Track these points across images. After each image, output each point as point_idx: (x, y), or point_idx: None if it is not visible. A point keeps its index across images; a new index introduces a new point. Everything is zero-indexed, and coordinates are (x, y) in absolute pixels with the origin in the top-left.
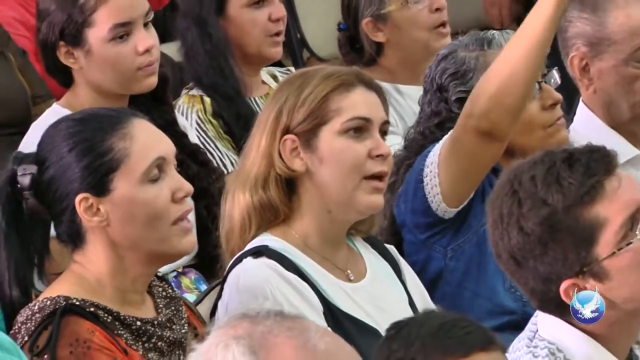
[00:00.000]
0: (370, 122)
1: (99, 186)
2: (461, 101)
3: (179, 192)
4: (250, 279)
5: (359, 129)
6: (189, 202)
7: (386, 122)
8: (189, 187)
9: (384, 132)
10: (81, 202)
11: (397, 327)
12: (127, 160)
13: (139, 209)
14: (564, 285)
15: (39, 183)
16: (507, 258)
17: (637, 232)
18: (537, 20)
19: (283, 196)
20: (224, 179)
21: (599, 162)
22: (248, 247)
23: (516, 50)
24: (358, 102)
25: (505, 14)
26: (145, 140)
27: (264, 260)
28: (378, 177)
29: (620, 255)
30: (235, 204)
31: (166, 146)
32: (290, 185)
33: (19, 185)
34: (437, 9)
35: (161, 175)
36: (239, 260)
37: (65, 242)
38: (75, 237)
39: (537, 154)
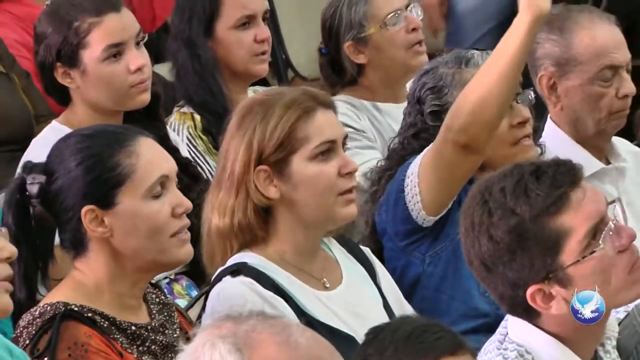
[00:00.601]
0: (336, 142)
1: (105, 199)
2: (435, 114)
3: (179, 208)
4: (229, 297)
5: (326, 151)
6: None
7: (346, 137)
8: (188, 204)
9: (344, 144)
10: (87, 213)
11: (374, 332)
12: (133, 176)
13: (141, 222)
14: (530, 290)
15: (46, 192)
16: (478, 264)
17: (599, 242)
18: (510, 44)
19: (260, 221)
20: None
21: (565, 174)
22: (229, 263)
23: (492, 71)
24: (322, 126)
25: None
26: (150, 158)
27: (241, 278)
28: (349, 191)
29: (584, 263)
30: (214, 230)
31: (169, 165)
32: (266, 209)
33: (27, 193)
34: (414, 29)
35: (163, 192)
36: (219, 278)
37: (68, 249)
38: (78, 245)
39: (507, 166)
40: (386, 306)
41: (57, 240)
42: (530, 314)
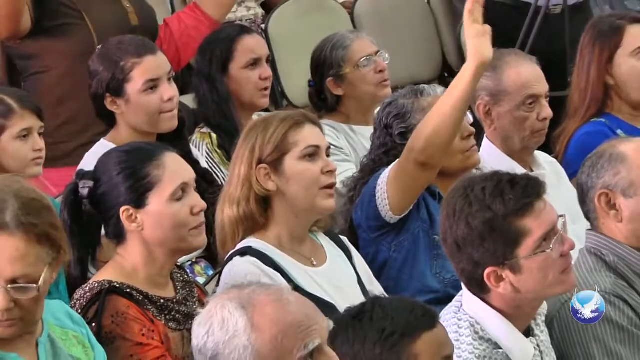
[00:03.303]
0: (319, 147)
1: (138, 201)
2: (402, 134)
3: (196, 208)
4: (238, 273)
5: (312, 154)
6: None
7: (329, 147)
8: (203, 204)
9: (328, 154)
10: (124, 212)
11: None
12: (159, 183)
13: (166, 219)
14: (487, 270)
15: (94, 195)
16: (451, 243)
17: (550, 245)
18: (461, 84)
19: (261, 210)
20: None
21: (533, 187)
22: (238, 246)
23: (446, 106)
24: (308, 135)
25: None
26: (173, 169)
27: (247, 258)
28: (330, 187)
29: (534, 258)
30: (226, 219)
31: (189, 174)
32: (265, 201)
33: (79, 195)
34: (380, 71)
35: (184, 195)
36: (230, 258)
37: (111, 239)
38: (118, 236)
39: (487, 173)
40: (360, 282)
41: (103, 231)
42: (482, 289)
